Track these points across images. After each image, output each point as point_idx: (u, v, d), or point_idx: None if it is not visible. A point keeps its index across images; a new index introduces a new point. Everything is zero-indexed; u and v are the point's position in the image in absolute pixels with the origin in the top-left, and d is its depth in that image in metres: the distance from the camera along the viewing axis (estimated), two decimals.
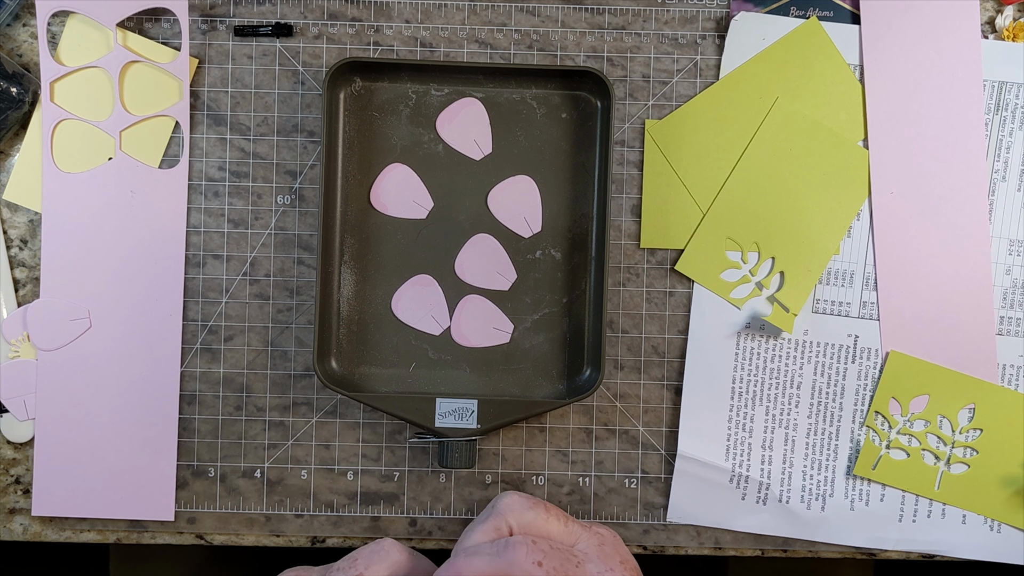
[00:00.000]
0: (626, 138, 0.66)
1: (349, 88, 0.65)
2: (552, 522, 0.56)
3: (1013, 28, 0.65)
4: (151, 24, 0.66)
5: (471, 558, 0.53)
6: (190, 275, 0.66)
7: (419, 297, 0.65)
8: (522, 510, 0.56)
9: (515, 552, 0.52)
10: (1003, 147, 0.66)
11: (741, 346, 0.66)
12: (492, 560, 0.53)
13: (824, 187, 0.66)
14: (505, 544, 0.53)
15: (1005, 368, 0.66)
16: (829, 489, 0.66)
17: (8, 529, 0.66)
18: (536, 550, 0.53)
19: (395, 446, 0.66)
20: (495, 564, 0.52)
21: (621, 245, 0.66)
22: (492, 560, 0.53)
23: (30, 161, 0.65)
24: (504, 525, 0.56)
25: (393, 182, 0.65)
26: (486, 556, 0.53)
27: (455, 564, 0.53)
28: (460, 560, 0.53)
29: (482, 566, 0.53)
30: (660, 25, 0.66)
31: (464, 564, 0.53)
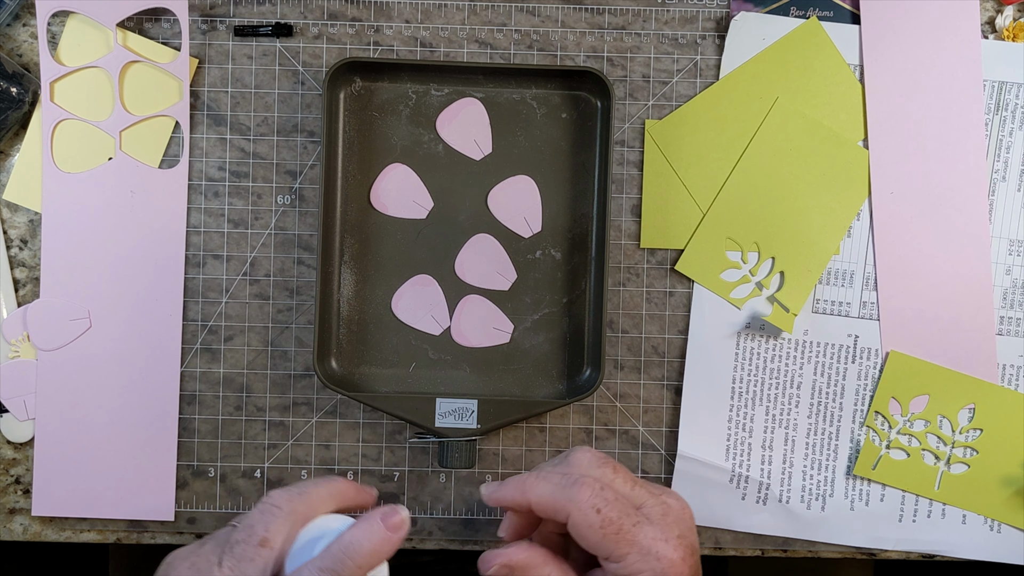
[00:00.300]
0: (626, 138, 0.66)
1: (349, 88, 0.65)
2: (619, 482, 0.55)
3: (1013, 28, 0.65)
4: (151, 24, 0.66)
5: (540, 481, 0.53)
6: (190, 275, 0.66)
7: (419, 297, 0.65)
8: (591, 466, 0.55)
9: (580, 490, 0.52)
10: (1003, 147, 0.66)
11: (741, 346, 0.66)
12: (557, 490, 0.53)
13: (824, 187, 0.66)
14: (574, 481, 0.53)
15: (1005, 368, 0.66)
16: (829, 489, 0.66)
17: (8, 529, 0.66)
18: (600, 497, 0.52)
19: (395, 446, 0.66)
20: (558, 495, 0.53)
21: (621, 245, 0.66)
22: (557, 490, 0.53)
23: (30, 161, 0.65)
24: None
25: (393, 182, 0.65)
26: (553, 484, 0.53)
27: (526, 479, 0.54)
28: (531, 478, 0.54)
29: (547, 491, 0.53)
30: (660, 25, 0.66)
31: (533, 482, 0.53)
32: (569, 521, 0.52)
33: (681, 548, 0.53)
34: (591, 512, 0.51)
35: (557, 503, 0.52)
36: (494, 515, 0.66)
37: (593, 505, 0.52)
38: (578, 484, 0.52)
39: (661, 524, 0.53)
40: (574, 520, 0.52)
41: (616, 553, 0.51)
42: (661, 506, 0.54)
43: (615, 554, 0.51)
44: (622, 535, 0.52)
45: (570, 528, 0.52)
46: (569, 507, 0.52)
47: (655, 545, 0.52)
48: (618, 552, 0.51)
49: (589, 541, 0.52)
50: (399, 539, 0.51)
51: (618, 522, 0.52)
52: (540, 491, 0.53)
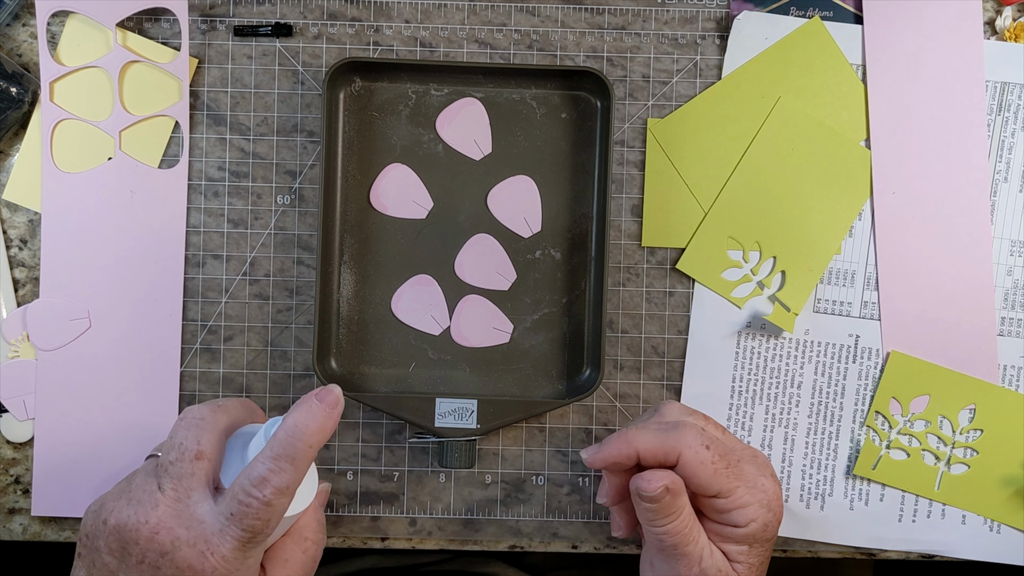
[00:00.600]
0: (626, 138, 0.66)
1: (349, 88, 0.65)
2: (711, 428, 0.58)
3: (1014, 29, 0.65)
4: (151, 24, 0.66)
5: (642, 431, 0.56)
6: (190, 275, 0.66)
7: (419, 297, 0.65)
8: (683, 414, 0.59)
9: (686, 432, 0.55)
10: (1005, 148, 0.66)
11: (742, 345, 0.66)
12: (663, 435, 0.55)
13: (826, 187, 0.66)
14: (676, 424, 0.56)
15: (1006, 369, 0.66)
16: (829, 489, 0.66)
17: (8, 529, 0.66)
18: (705, 436, 0.56)
19: (395, 446, 0.66)
20: (665, 439, 0.55)
21: (621, 245, 0.66)
22: (663, 435, 0.55)
23: (30, 161, 0.65)
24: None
25: (393, 182, 0.65)
26: (656, 431, 0.56)
27: (627, 432, 0.56)
28: (632, 431, 0.56)
29: (652, 437, 0.56)
30: (660, 25, 0.66)
31: (635, 433, 0.56)
32: (680, 460, 0.55)
33: (776, 487, 0.57)
34: (702, 450, 0.55)
35: (666, 445, 0.55)
36: (493, 515, 0.66)
37: (702, 443, 0.55)
38: (682, 427, 0.56)
39: (754, 463, 0.57)
40: (686, 459, 0.55)
41: (727, 487, 0.55)
42: (749, 449, 0.59)
43: (725, 488, 0.55)
44: (731, 470, 0.56)
45: (681, 468, 0.55)
46: (679, 446, 0.55)
47: (757, 479, 0.57)
48: (728, 486, 0.55)
49: (701, 478, 0.55)
50: (338, 416, 0.51)
51: (725, 458, 0.56)
52: (645, 439, 0.55)
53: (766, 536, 0.57)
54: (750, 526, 0.56)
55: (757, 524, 0.56)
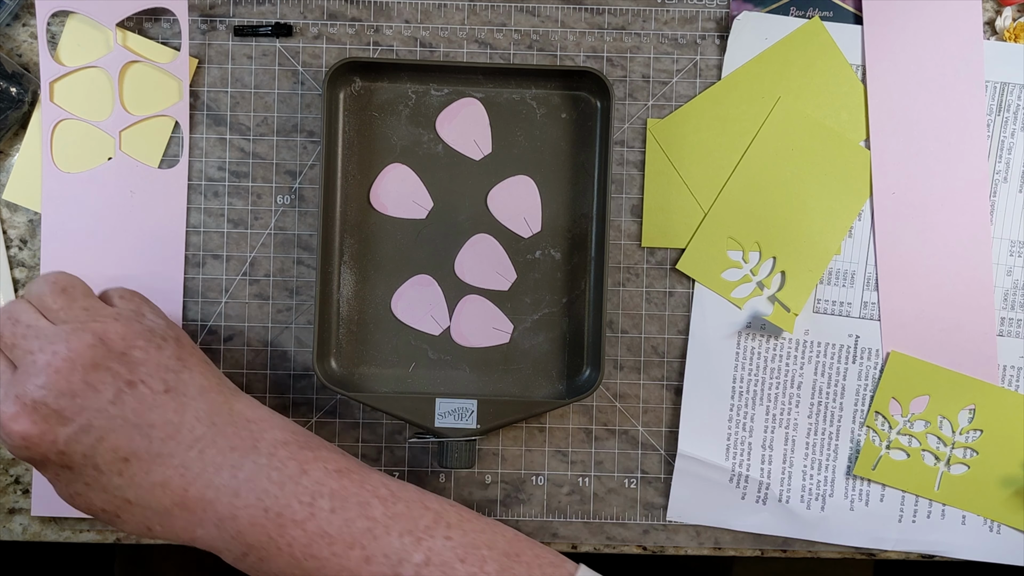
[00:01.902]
0: (626, 138, 0.66)
1: (349, 88, 0.65)
2: (27, 313, 0.55)
3: (1014, 29, 0.65)
4: (151, 24, 0.66)
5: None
6: (190, 275, 0.66)
7: (419, 297, 0.65)
8: (41, 285, 0.56)
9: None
10: (1005, 148, 0.66)
11: (742, 346, 0.66)
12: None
13: (826, 187, 0.66)
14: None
15: (1005, 369, 0.66)
16: (829, 489, 0.66)
17: (8, 529, 0.66)
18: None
19: (395, 446, 0.66)
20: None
21: (621, 245, 0.66)
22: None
23: (30, 161, 0.65)
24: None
25: (393, 182, 0.65)
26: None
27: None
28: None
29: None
30: (660, 25, 0.66)
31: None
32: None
33: (21, 408, 0.51)
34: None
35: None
36: (493, 515, 0.66)
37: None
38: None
39: (21, 373, 0.52)
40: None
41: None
42: (37, 354, 0.52)
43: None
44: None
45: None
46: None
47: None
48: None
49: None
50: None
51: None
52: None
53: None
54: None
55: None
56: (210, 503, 0.52)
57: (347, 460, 0.56)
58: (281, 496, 0.52)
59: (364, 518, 0.53)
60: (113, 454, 0.52)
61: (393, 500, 0.54)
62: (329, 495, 0.53)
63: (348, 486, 0.54)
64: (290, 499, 0.52)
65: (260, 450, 0.54)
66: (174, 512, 0.53)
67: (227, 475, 0.53)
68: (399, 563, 0.52)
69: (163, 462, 0.52)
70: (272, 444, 0.54)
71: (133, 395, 0.52)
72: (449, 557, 0.52)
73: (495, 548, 0.53)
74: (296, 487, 0.53)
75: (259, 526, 0.52)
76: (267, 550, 0.52)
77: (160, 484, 0.52)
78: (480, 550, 0.53)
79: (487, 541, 0.54)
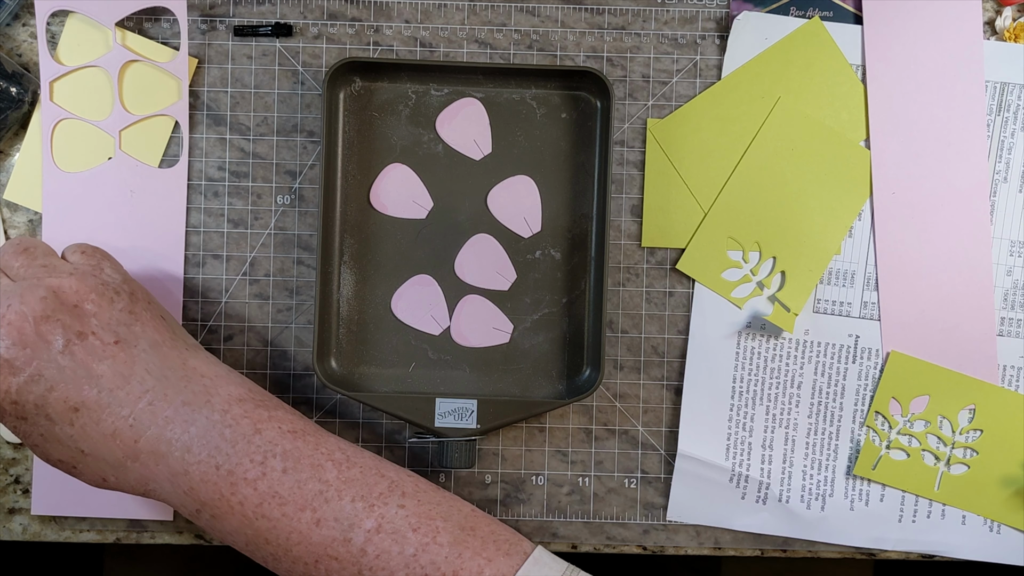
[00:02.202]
0: (626, 138, 0.66)
1: (349, 88, 0.65)
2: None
3: (1014, 29, 0.65)
4: (150, 24, 0.66)
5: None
6: (190, 275, 0.66)
7: (419, 297, 0.65)
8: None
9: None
10: (1005, 148, 0.66)
11: (742, 345, 0.66)
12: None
13: (826, 187, 0.66)
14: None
15: (1005, 369, 0.66)
16: (829, 489, 0.66)
17: (8, 529, 0.66)
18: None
19: (395, 446, 0.66)
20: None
21: (621, 245, 0.66)
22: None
23: (30, 161, 0.65)
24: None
25: (393, 182, 0.65)
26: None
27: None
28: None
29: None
30: (660, 25, 0.66)
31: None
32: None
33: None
34: None
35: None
36: (493, 515, 0.66)
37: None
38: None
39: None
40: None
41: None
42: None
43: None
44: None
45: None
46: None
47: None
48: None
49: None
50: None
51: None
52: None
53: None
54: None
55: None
56: (162, 457, 0.53)
57: (303, 422, 0.56)
58: (233, 454, 0.53)
59: (316, 480, 0.53)
60: (63, 404, 0.52)
61: (348, 465, 0.54)
62: (282, 455, 0.53)
63: (302, 447, 0.54)
64: (242, 457, 0.53)
65: (213, 406, 0.54)
66: (126, 464, 0.53)
67: (179, 429, 0.53)
68: (350, 528, 0.52)
69: (112, 412, 0.53)
70: (226, 401, 0.54)
71: (83, 346, 0.53)
72: (401, 525, 0.52)
73: (450, 520, 0.53)
74: (248, 445, 0.53)
75: (211, 483, 0.53)
76: (219, 508, 0.53)
77: (111, 435, 0.53)
78: (434, 521, 0.53)
79: (442, 513, 0.54)
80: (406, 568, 0.52)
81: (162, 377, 0.54)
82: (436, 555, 0.52)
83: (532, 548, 0.54)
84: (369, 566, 0.52)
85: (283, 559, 0.53)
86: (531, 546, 0.54)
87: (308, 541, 0.52)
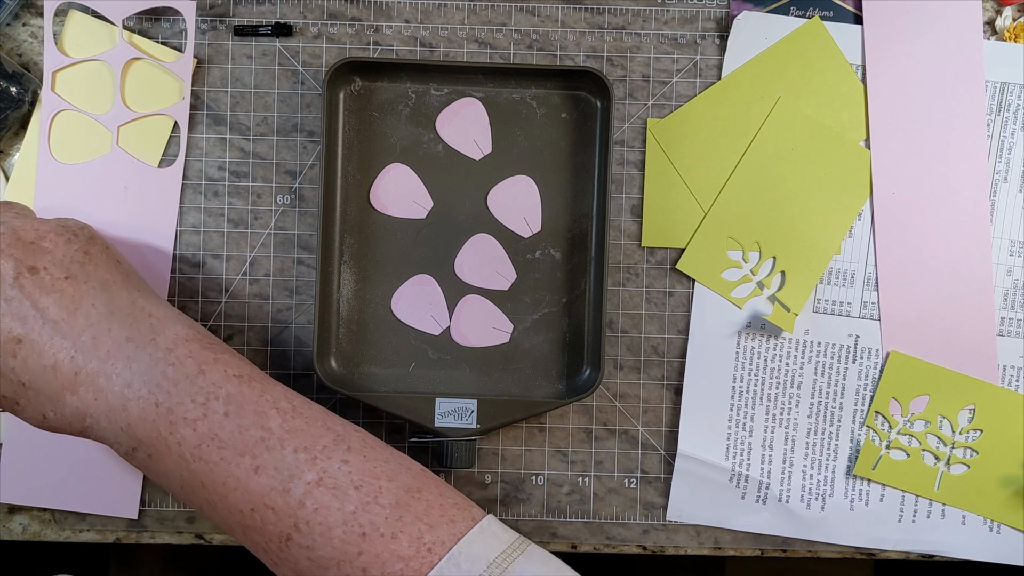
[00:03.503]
0: (626, 138, 0.66)
1: (349, 88, 0.65)
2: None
3: (1014, 29, 0.65)
4: (150, 24, 0.66)
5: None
6: (190, 275, 0.66)
7: (419, 297, 0.65)
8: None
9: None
10: (1005, 148, 0.66)
11: (742, 345, 0.66)
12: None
13: (826, 187, 0.66)
14: None
15: (1005, 369, 0.66)
16: (829, 489, 0.66)
17: (8, 529, 0.66)
18: None
19: (395, 446, 0.66)
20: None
21: (621, 245, 0.66)
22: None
23: (30, 161, 0.65)
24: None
25: (393, 182, 0.65)
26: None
27: None
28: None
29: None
30: (660, 25, 0.66)
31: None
32: None
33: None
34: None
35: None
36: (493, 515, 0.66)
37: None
38: None
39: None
40: None
41: None
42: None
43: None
44: None
45: None
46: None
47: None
48: None
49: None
50: None
51: None
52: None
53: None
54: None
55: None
56: (101, 391, 0.52)
57: (250, 368, 0.55)
58: (174, 392, 0.52)
59: (258, 427, 0.52)
60: (7, 334, 0.52)
61: (293, 415, 0.53)
62: (225, 398, 0.53)
63: (247, 392, 0.53)
64: (183, 396, 0.52)
65: (158, 344, 0.53)
66: (64, 397, 0.53)
67: (120, 364, 0.53)
68: (290, 478, 0.51)
69: (54, 344, 0.52)
70: (172, 340, 0.54)
71: (33, 279, 0.53)
72: (343, 481, 0.52)
73: (395, 480, 0.53)
74: (191, 386, 0.52)
75: (149, 421, 0.52)
76: (156, 447, 0.52)
77: (51, 367, 0.52)
78: (379, 480, 0.52)
79: (388, 472, 0.53)
80: (344, 525, 0.51)
81: (108, 314, 0.54)
82: (376, 515, 0.51)
83: (482, 516, 0.53)
84: (306, 519, 0.51)
85: (218, 506, 0.52)
86: (481, 513, 0.53)
87: (245, 488, 0.51)
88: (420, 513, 0.52)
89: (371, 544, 0.50)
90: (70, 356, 0.52)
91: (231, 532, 0.53)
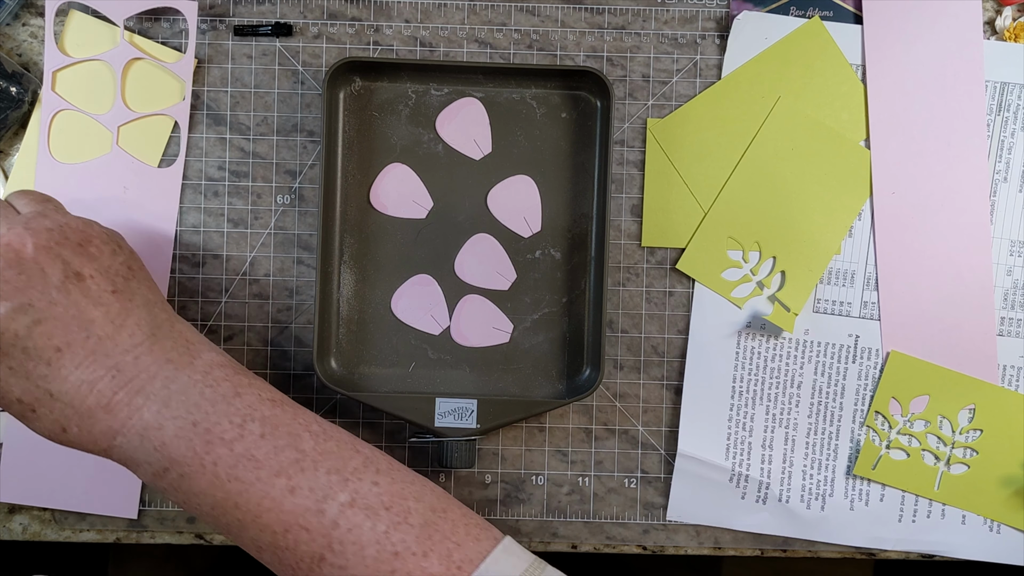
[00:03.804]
0: (626, 138, 0.66)
1: (349, 88, 0.65)
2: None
3: (1014, 29, 0.65)
4: (151, 24, 0.66)
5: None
6: (190, 275, 0.66)
7: (419, 297, 0.65)
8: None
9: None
10: (1005, 148, 0.66)
11: (742, 345, 0.66)
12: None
13: (826, 187, 0.66)
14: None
15: (1005, 369, 0.66)
16: (829, 489, 0.66)
17: (8, 529, 0.66)
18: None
19: (395, 446, 0.66)
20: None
21: (621, 245, 0.66)
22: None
23: (30, 161, 0.65)
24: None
25: (393, 182, 0.65)
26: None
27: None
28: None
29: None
30: (660, 25, 0.66)
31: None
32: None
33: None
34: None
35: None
36: (493, 515, 0.66)
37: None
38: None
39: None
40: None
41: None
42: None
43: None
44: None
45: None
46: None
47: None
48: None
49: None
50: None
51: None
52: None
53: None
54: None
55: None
56: (137, 410, 0.52)
57: (280, 394, 0.56)
58: (212, 413, 0.52)
59: (293, 449, 0.52)
60: (47, 340, 0.51)
61: (325, 437, 0.54)
62: (260, 420, 0.53)
63: (280, 415, 0.53)
64: (221, 417, 0.52)
65: (196, 367, 0.53)
66: (97, 414, 0.52)
67: (159, 384, 0.52)
68: (324, 499, 0.51)
69: (96, 360, 0.51)
70: (208, 364, 0.54)
71: (80, 287, 0.52)
72: (374, 502, 0.52)
73: (422, 501, 0.53)
74: (228, 407, 0.52)
75: (185, 439, 0.51)
76: (191, 466, 0.52)
77: (88, 382, 0.51)
78: (407, 501, 0.53)
79: (415, 493, 0.53)
80: (377, 544, 0.51)
81: (151, 334, 0.53)
82: (407, 534, 0.51)
83: (502, 536, 0.54)
84: (340, 539, 0.51)
85: (250, 526, 0.52)
86: (500, 533, 0.54)
87: (280, 508, 0.51)
88: (447, 532, 0.52)
89: (403, 563, 0.51)
90: (112, 375, 0.52)
91: (259, 553, 0.53)
